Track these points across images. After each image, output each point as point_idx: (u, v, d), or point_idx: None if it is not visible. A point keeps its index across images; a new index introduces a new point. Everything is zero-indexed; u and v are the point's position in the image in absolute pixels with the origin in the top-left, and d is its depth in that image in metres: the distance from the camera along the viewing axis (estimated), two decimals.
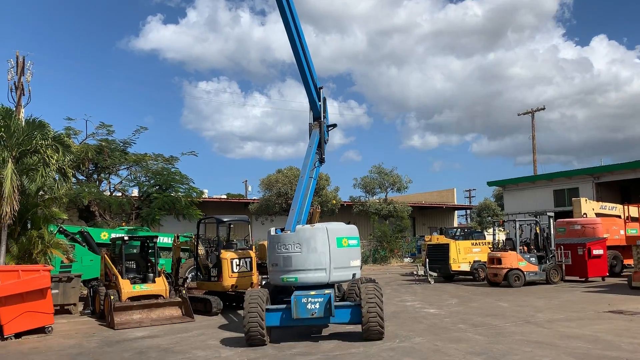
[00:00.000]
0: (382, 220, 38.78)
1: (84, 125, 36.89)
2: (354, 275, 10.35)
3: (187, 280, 16.72)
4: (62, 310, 14.52)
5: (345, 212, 38.14)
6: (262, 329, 9.42)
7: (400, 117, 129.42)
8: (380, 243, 37.14)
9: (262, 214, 35.11)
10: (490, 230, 44.26)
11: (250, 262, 14.59)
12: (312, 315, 9.59)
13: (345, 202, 40.49)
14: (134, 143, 25.68)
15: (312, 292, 9.69)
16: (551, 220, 20.50)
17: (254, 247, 16.16)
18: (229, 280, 14.12)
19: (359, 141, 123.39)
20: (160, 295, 13.64)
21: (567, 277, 20.39)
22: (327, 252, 9.83)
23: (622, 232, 22.32)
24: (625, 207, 18.81)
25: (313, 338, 10.24)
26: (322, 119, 12.70)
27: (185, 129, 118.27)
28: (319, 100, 12.70)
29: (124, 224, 21.10)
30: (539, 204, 33.18)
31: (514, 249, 19.71)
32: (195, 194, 24.59)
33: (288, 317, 9.70)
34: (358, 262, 10.51)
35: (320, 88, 12.81)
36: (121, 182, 24.78)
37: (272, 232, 10.35)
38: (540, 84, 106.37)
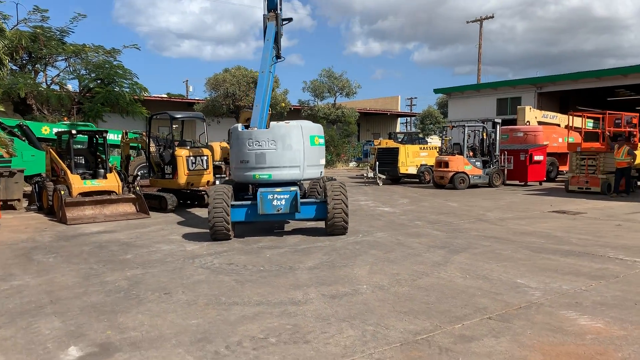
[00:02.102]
0: (330, 125, 38.78)
1: (13, 10, 33.66)
2: (321, 172, 10.39)
3: (138, 178, 16.26)
4: (5, 206, 13.89)
5: (294, 116, 37.70)
6: (227, 224, 9.37)
7: (344, 21, 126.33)
8: (327, 147, 37.33)
9: (209, 115, 34.14)
10: (434, 137, 45.48)
11: (207, 160, 14.31)
12: (278, 211, 9.59)
13: (293, 105, 39.98)
14: (72, 32, 23.70)
15: (278, 189, 9.63)
16: (497, 127, 21.11)
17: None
18: (184, 177, 13.87)
19: (302, 45, 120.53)
20: (112, 192, 13.27)
21: (507, 181, 21.45)
22: (302, 149, 9.69)
23: (560, 140, 23.45)
24: (570, 116, 19.53)
25: (277, 233, 10.33)
26: (278, 11, 12.03)
27: (117, 23, 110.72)
28: None
29: (65, 119, 19.91)
30: (482, 111, 34.04)
31: (461, 153, 20.33)
32: (139, 90, 23.30)
33: (253, 212, 9.68)
34: (324, 161, 10.51)
35: None
36: (59, 75, 23.01)
37: (240, 129, 10.00)
38: None
